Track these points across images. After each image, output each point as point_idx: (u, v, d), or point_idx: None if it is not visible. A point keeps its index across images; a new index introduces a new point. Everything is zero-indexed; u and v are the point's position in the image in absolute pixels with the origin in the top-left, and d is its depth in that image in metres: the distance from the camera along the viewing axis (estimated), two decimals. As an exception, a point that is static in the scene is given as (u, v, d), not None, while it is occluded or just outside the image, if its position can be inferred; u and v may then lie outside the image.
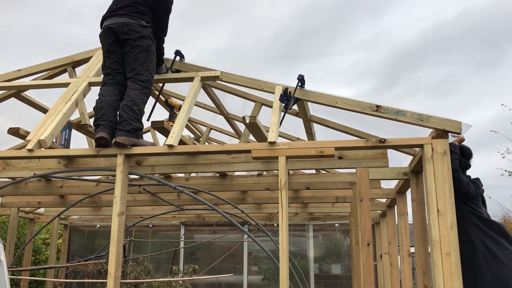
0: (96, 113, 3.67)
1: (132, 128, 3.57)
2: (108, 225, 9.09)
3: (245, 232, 4.17)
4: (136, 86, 3.71)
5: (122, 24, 3.77)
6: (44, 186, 5.38)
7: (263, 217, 7.83)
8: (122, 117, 3.59)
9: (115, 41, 3.81)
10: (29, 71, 4.65)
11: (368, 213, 4.01)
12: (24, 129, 4.10)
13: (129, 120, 3.57)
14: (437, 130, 3.27)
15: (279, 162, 3.38)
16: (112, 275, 3.38)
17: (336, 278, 9.17)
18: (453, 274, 2.99)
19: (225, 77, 4.05)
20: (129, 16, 3.80)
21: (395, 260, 6.47)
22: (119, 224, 3.47)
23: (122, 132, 3.55)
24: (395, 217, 6.13)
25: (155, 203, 6.18)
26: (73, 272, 8.27)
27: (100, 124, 3.58)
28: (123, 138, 3.53)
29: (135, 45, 3.76)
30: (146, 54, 3.78)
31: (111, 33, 3.80)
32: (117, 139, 3.53)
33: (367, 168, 4.08)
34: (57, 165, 4.40)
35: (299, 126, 4.87)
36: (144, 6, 3.88)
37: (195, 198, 3.94)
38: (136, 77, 3.73)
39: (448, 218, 3.08)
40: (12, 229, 6.85)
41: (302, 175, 5.53)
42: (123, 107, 3.62)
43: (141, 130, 3.68)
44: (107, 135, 3.54)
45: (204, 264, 8.30)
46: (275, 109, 3.79)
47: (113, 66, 3.82)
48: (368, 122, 4.03)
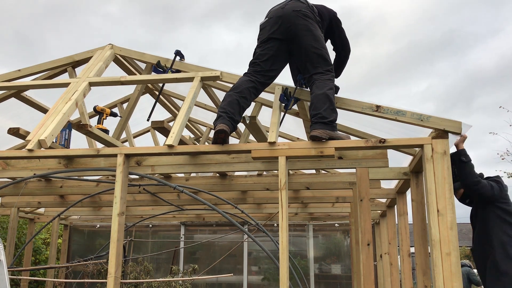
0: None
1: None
2: (108, 225, 9.09)
3: (245, 232, 4.17)
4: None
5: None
6: (44, 186, 5.38)
7: (263, 217, 7.83)
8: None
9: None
10: (29, 71, 4.65)
11: (368, 213, 4.01)
12: (24, 129, 4.10)
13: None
14: (437, 130, 3.26)
15: (279, 162, 3.38)
16: (112, 275, 3.38)
17: (336, 278, 9.17)
18: (453, 274, 2.99)
19: (225, 77, 4.05)
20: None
21: (395, 260, 6.47)
22: (119, 224, 3.47)
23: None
24: (395, 217, 6.13)
25: (155, 203, 6.18)
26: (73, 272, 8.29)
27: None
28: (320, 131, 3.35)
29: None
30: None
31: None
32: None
33: (367, 168, 4.08)
34: (57, 165, 4.39)
35: (299, 126, 4.86)
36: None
37: (195, 198, 3.94)
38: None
39: (448, 218, 3.08)
40: (12, 229, 6.85)
41: (302, 175, 5.53)
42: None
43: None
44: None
45: (204, 264, 8.30)
46: (275, 109, 3.79)
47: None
48: (368, 122, 4.03)
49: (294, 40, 3.60)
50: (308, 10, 3.64)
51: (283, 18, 3.61)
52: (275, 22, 3.63)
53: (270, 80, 3.74)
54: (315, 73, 3.55)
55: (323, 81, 3.49)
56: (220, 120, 3.41)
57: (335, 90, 3.61)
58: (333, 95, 3.46)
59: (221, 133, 3.37)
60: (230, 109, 3.45)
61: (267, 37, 3.65)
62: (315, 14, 3.69)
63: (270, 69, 3.66)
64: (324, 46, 3.65)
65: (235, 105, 3.48)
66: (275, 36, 3.63)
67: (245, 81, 3.61)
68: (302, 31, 3.57)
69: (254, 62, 3.69)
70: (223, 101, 3.56)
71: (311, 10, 3.68)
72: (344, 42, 3.93)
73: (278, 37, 3.62)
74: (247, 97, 3.56)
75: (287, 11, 3.62)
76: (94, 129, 3.94)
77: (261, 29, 3.75)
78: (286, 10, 3.63)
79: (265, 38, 3.66)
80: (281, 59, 3.71)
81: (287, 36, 3.61)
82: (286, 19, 3.60)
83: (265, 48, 3.65)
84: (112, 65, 4.69)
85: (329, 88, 3.46)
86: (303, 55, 3.60)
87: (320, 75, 3.53)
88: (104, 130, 4.23)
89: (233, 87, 3.63)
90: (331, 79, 3.54)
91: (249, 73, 3.67)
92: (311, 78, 3.57)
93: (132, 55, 4.62)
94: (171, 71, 4.27)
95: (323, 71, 3.55)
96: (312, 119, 3.42)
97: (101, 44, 4.76)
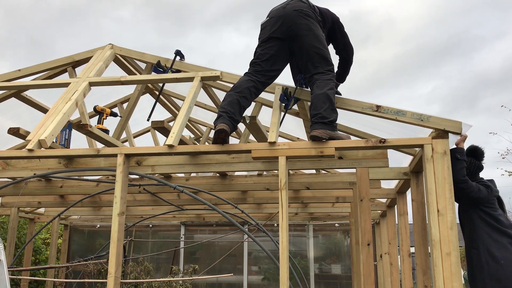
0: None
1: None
2: (108, 225, 9.10)
3: (245, 232, 4.17)
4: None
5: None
6: (44, 186, 5.38)
7: (263, 217, 7.83)
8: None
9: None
10: (29, 71, 4.65)
11: (368, 213, 4.01)
12: (24, 129, 4.10)
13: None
14: (437, 130, 3.26)
15: (279, 162, 3.38)
16: (112, 275, 3.38)
17: (336, 278, 9.17)
18: (453, 274, 2.99)
19: (225, 77, 4.05)
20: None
21: (395, 260, 6.47)
22: (119, 224, 3.47)
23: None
24: (395, 217, 6.13)
25: (155, 203, 6.18)
26: (73, 272, 8.28)
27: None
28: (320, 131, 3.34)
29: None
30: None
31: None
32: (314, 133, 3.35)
33: (367, 168, 4.08)
34: (57, 165, 4.39)
35: (299, 126, 4.86)
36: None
37: (195, 198, 3.94)
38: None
39: (448, 218, 3.08)
40: (12, 229, 6.85)
41: (302, 175, 5.53)
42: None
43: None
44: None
45: (204, 264, 8.30)
46: (275, 109, 3.79)
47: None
48: (368, 122, 4.03)
49: (295, 40, 3.60)
50: (309, 10, 3.64)
51: (284, 17, 3.61)
52: (276, 22, 3.63)
53: (271, 80, 3.73)
54: (316, 73, 3.55)
55: (324, 81, 3.49)
56: (221, 120, 3.41)
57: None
58: (333, 95, 3.45)
59: (222, 133, 3.37)
60: (230, 109, 3.45)
61: (268, 36, 3.64)
62: (317, 14, 3.69)
63: (270, 69, 3.66)
64: (325, 45, 3.65)
65: (236, 105, 3.48)
66: (276, 36, 3.62)
67: (246, 81, 3.61)
68: (303, 31, 3.56)
69: (255, 61, 3.68)
70: (223, 101, 3.56)
71: (312, 10, 3.67)
72: (347, 46, 3.92)
73: (279, 36, 3.62)
74: (247, 97, 3.55)
75: (288, 10, 3.62)
76: (94, 129, 3.94)
77: (262, 28, 3.74)
78: (287, 9, 3.63)
79: (266, 38, 3.65)
80: (282, 58, 3.70)
81: (288, 35, 3.60)
82: (287, 19, 3.59)
83: (266, 48, 3.64)
84: (112, 65, 4.69)
85: (330, 88, 3.45)
86: (304, 55, 3.59)
87: (321, 75, 3.53)
88: (104, 130, 4.23)
89: (233, 87, 3.63)
90: (332, 79, 3.54)
91: (250, 72, 3.67)
92: (312, 78, 3.57)
93: (132, 55, 4.62)
94: (171, 71, 4.27)
95: (324, 70, 3.55)
96: (312, 119, 3.42)
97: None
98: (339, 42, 3.91)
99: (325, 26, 3.78)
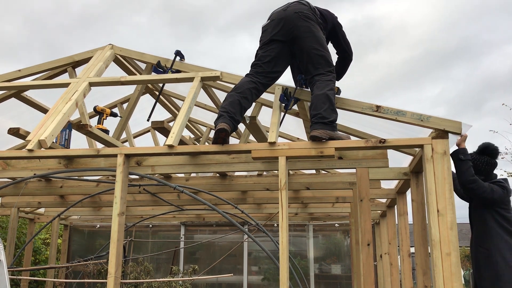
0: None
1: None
2: (108, 225, 9.09)
3: (245, 232, 4.17)
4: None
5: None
6: (44, 186, 5.38)
7: (263, 217, 7.83)
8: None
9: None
10: (29, 71, 4.65)
11: (368, 213, 4.01)
12: (24, 129, 4.10)
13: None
14: (437, 130, 3.26)
15: (279, 162, 3.38)
16: (112, 275, 3.38)
17: (336, 278, 9.17)
18: (453, 274, 2.99)
19: (225, 77, 4.05)
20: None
21: (395, 260, 6.47)
22: (119, 224, 3.47)
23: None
24: (395, 217, 6.13)
25: (155, 203, 6.18)
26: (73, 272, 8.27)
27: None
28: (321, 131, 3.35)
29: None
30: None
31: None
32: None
33: (367, 168, 4.08)
34: (57, 165, 4.40)
35: (299, 126, 4.86)
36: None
37: (195, 198, 3.94)
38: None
39: (448, 218, 3.08)
40: (12, 229, 6.84)
41: (302, 175, 5.53)
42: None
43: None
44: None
45: (204, 264, 8.30)
46: (275, 109, 3.79)
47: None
48: (368, 122, 4.04)
49: (296, 42, 3.61)
50: (309, 12, 3.65)
51: (285, 20, 3.62)
52: (277, 24, 3.64)
53: (272, 81, 3.74)
54: (316, 74, 3.56)
55: (324, 82, 3.50)
56: (221, 120, 3.42)
57: (336, 91, 3.61)
58: (333, 95, 3.46)
59: (222, 132, 3.37)
60: (231, 109, 3.46)
61: (269, 39, 3.66)
62: (317, 16, 3.71)
63: (272, 71, 3.67)
64: (326, 47, 3.66)
65: (236, 105, 3.49)
66: (277, 38, 3.63)
67: (247, 82, 3.62)
68: (304, 33, 3.58)
69: (256, 63, 3.69)
70: (224, 101, 3.57)
71: (313, 12, 3.69)
72: (347, 46, 3.97)
73: (280, 39, 3.63)
74: (248, 97, 3.57)
75: (289, 13, 3.63)
76: (94, 129, 3.94)
77: (263, 31, 3.76)
78: (288, 12, 3.64)
79: (267, 40, 3.67)
80: (283, 60, 3.72)
81: (289, 37, 3.61)
82: (288, 21, 3.60)
83: (267, 50, 3.66)
84: (112, 65, 4.69)
85: (330, 88, 3.47)
86: (305, 57, 3.60)
87: (321, 76, 3.55)
88: (104, 130, 4.23)
89: (234, 87, 3.64)
90: (332, 80, 3.55)
91: (251, 74, 3.68)
92: (312, 79, 3.58)
93: (132, 55, 4.62)
94: (171, 71, 4.28)
95: (324, 72, 3.56)
96: (312, 119, 3.42)
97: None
98: (340, 43, 3.95)
99: (326, 27, 3.80)
